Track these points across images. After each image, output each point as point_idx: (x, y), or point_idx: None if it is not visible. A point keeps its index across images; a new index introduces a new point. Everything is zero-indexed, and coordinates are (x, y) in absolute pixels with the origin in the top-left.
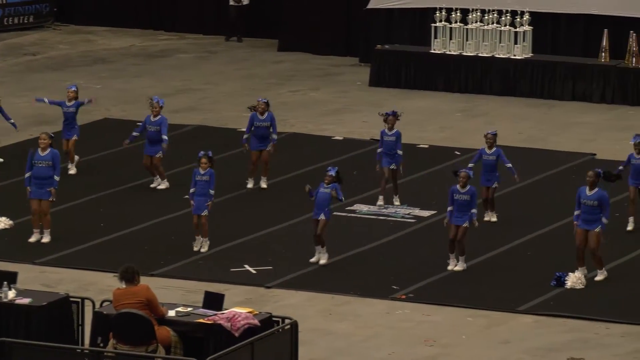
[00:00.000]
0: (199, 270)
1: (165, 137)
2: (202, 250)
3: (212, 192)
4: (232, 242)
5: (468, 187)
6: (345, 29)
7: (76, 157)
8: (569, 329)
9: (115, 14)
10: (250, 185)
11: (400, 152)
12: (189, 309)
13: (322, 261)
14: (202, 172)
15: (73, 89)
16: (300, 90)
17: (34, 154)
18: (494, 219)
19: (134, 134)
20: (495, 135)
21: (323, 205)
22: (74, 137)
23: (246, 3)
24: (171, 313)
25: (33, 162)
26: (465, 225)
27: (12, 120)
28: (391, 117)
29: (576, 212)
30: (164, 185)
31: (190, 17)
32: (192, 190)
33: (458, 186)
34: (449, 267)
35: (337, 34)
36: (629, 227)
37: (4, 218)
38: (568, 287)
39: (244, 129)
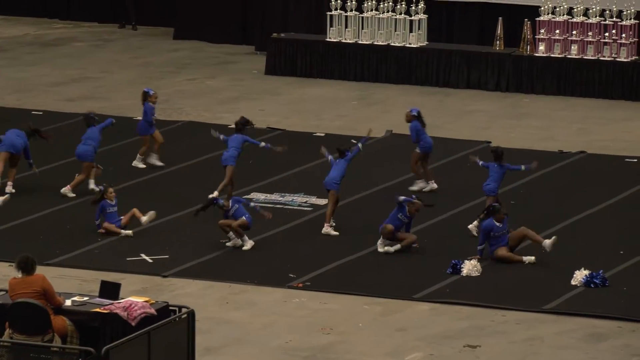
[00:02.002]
0: (95, 259)
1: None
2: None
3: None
4: (129, 230)
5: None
6: (241, 18)
7: None
8: (465, 316)
9: (9, 2)
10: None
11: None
12: (85, 298)
13: (246, 247)
14: None
15: None
16: (197, 78)
17: None
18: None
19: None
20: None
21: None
22: None
23: None
24: (67, 302)
25: None
26: None
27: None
28: None
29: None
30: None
31: (84, 5)
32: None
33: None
34: (380, 249)
35: (232, 23)
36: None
37: None
38: (464, 274)
39: (139, 118)
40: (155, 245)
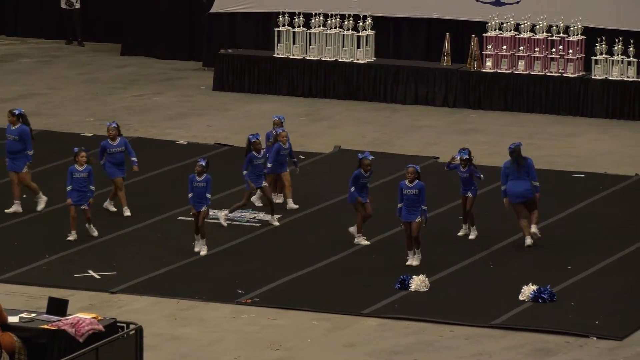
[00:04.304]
0: (42, 275)
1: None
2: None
3: (208, 195)
4: (76, 247)
5: (416, 182)
6: (188, 33)
7: None
8: (413, 331)
9: None
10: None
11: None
12: (33, 314)
13: (203, 252)
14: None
15: None
16: (144, 94)
17: None
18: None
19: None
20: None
21: (202, 196)
22: None
23: (78, 7)
24: (15, 319)
25: None
26: (418, 220)
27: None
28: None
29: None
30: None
31: (31, 21)
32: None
33: (406, 181)
34: (408, 263)
35: (180, 38)
36: (460, 233)
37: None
38: (412, 289)
39: (88, 134)
40: (103, 262)
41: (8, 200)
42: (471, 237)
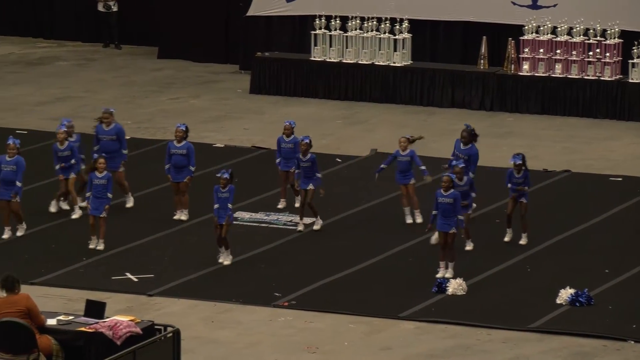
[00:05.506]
0: (80, 278)
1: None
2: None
3: (229, 205)
4: (113, 249)
5: (451, 191)
6: (225, 37)
7: None
8: (450, 335)
9: None
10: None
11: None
12: (71, 317)
13: (226, 262)
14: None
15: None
16: (180, 97)
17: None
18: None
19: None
20: (408, 138)
21: (225, 207)
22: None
23: (115, 10)
24: (52, 321)
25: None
26: (452, 231)
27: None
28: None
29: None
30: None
31: (68, 24)
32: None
33: (441, 190)
34: (439, 275)
35: (217, 42)
36: (506, 239)
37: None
38: (449, 293)
39: (126, 137)
40: (141, 264)
41: (47, 202)
42: (522, 242)
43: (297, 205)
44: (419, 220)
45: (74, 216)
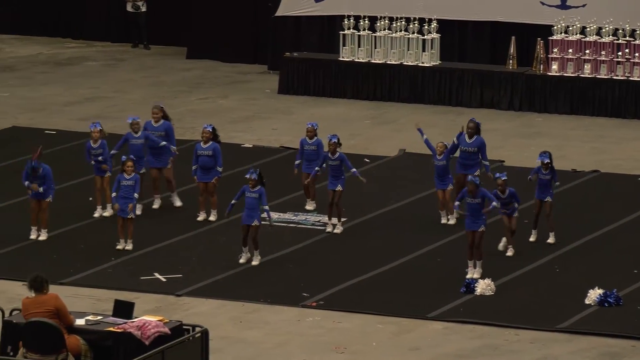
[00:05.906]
0: (108, 278)
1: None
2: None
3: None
4: (141, 250)
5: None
6: (253, 37)
7: None
8: (478, 335)
9: (22, 22)
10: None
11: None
12: (99, 317)
13: (254, 262)
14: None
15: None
16: (209, 97)
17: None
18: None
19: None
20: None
21: (254, 207)
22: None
23: (144, 10)
24: (81, 321)
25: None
26: (481, 229)
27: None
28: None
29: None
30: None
31: (97, 24)
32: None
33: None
34: (468, 275)
35: (245, 42)
36: (532, 239)
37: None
38: (477, 293)
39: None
40: (169, 265)
41: (76, 202)
42: (549, 241)
43: (307, 207)
44: (452, 222)
45: (105, 214)
